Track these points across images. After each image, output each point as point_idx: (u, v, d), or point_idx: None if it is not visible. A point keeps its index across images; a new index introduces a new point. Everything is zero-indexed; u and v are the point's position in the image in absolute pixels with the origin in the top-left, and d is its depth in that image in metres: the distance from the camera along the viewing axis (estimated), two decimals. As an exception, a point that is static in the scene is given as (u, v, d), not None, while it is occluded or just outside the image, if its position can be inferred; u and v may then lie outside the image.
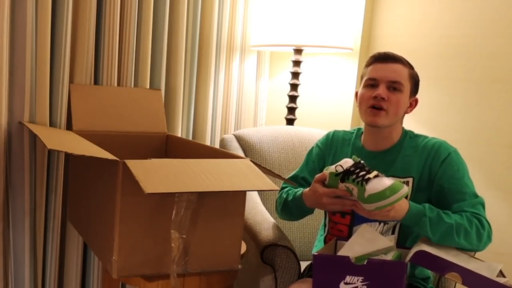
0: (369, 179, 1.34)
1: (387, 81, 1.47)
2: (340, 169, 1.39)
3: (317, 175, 1.48)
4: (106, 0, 1.89)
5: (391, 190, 1.31)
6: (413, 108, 1.54)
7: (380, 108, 1.47)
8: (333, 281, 1.31)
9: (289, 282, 1.60)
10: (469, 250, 1.43)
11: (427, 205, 1.40)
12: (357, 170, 1.37)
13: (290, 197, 1.61)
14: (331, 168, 1.42)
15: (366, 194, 1.33)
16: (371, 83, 1.50)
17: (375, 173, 1.37)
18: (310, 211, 1.62)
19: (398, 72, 1.48)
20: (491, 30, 2.09)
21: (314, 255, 1.33)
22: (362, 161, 1.40)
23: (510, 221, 2.07)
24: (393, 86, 1.47)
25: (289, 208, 1.63)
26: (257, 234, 1.69)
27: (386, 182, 1.33)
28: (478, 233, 1.39)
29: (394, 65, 1.49)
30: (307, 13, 2.13)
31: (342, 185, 1.39)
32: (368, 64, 1.54)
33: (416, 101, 1.55)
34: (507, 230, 2.06)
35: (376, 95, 1.46)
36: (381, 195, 1.31)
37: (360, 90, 1.55)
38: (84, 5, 1.83)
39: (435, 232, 1.38)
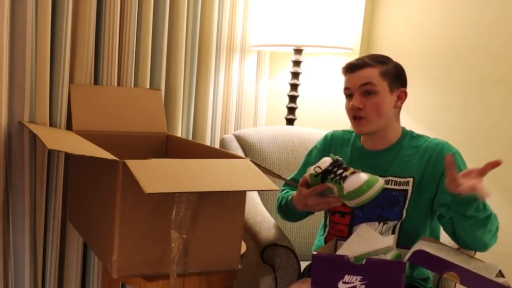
0: (346, 176, 1.37)
1: (357, 88, 1.49)
2: (318, 170, 1.41)
3: (301, 180, 1.50)
4: (106, 0, 1.89)
5: (368, 185, 1.34)
6: (403, 100, 1.52)
7: (360, 117, 1.49)
8: (331, 280, 1.31)
9: (289, 282, 1.60)
10: (481, 248, 1.42)
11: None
12: (335, 169, 1.40)
13: (283, 201, 1.64)
14: (311, 170, 1.44)
15: (344, 192, 1.36)
16: (347, 93, 1.53)
17: (351, 170, 1.39)
18: (304, 214, 1.64)
19: (366, 76, 1.48)
20: (491, 30, 2.09)
21: (313, 255, 1.34)
22: (339, 159, 1.43)
23: (510, 221, 2.07)
24: (366, 90, 1.48)
25: (284, 212, 1.66)
26: (257, 234, 1.69)
27: (362, 177, 1.36)
28: (497, 229, 1.41)
29: (361, 71, 1.49)
30: (307, 13, 2.13)
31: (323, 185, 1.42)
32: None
33: (405, 92, 1.53)
34: (507, 230, 2.06)
35: (351, 107, 1.49)
36: (359, 191, 1.34)
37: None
38: (84, 5, 1.83)
39: (481, 213, 1.34)
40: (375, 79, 1.48)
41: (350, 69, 1.52)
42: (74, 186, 1.79)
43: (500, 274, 1.34)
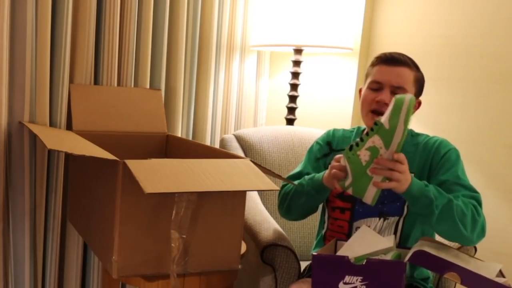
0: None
1: (391, 85, 1.46)
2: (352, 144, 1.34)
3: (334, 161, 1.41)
4: (106, 0, 1.89)
5: (399, 99, 1.26)
6: (415, 110, 1.52)
7: (381, 113, 1.46)
8: (332, 281, 1.31)
9: (289, 282, 1.60)
10: (464, 239, 1.39)
11: (424, 181, 1.37)
12: (360, 137, 1.34)
13: (305, 181, 1.54)
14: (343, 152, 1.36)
15: (387, 125, 1.28)
16: (375, 87, 1.49)
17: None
18: (316, 207, 1.59)
19: (403, 77, 1.46)
20: (491, 30, 2.09)
21: (313, 255, 1.34)
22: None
23: (510, 221, 2.07)
24: (397, 92, 1.45)
25: (296, 199, 1.57)
26: (257, 234, 1.69)
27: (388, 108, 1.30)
28: (473, 219, 1.35)
29: (400, 68, 1.47)
30: (307, 13, 2.13)
31: (364, 151, 1.31)
32: (373, 64, 1.52)
33: (419, 103, 1.54)
34: (507, 230, 2.06)
35: (379, 100, 1.46)
36: (397, 106, 1.26)
37: (363, 90, 1.54)
38: (84, 5, 1.83)
39: (438, 204, 1.33)
40: (410, 84, 1.47)
41: (390, 61, 1.47)
42: (74, 186, 1.79)
43: (501, 274, 1.34)
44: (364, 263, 1.30)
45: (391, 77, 1.46)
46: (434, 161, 1.49)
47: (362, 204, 1.52)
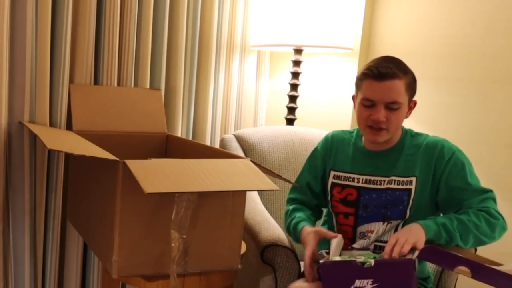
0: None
1: (384, 102, 1.43)
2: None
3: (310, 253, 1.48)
4: (106, 0, 1.89)
5: None
6: (412, 111, 1.51)
7: (380, 129, 1.45)
8: (343, 287, 1.30)
9: (289, 282, 1.60)
10: (487, 242, 1.44)
11: (430, 218, 1.43)
12: None
13: (292, 227, 1.62)
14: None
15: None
16: (368, 104, 1.45)
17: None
18: None
19: (395, 91, 1.42)
20: (491, 30, 2.09)
21: (320, 264, 1.33)
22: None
23: (510, 221, 2.06)
24: (391, 107, 1.43)
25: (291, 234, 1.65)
26: (257, 234, 1.69)
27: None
28: (489, 224, 1.40)
29: (390, 82, 1.41)
30: (307, 13, 2.13)
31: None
32: (361, 78, 1.47)
33: (415, 103, 1.51)
34: (507, 230, 2.05)
35: (374, 119, 1.43)
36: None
37: (357, 106, 1.51)
38: (84, 5, 1.83)
39: (457, 230, 1.38)
40: (402, 95, 1.43)
41: (379, 77, 1.41)
42: (74, 186, 1.79)
43: None
44: (372, 265, 1.29)
45: (383, 95, 1.42)
46: (439, 165, 1.47)
47: (365, 209, 1.52)
